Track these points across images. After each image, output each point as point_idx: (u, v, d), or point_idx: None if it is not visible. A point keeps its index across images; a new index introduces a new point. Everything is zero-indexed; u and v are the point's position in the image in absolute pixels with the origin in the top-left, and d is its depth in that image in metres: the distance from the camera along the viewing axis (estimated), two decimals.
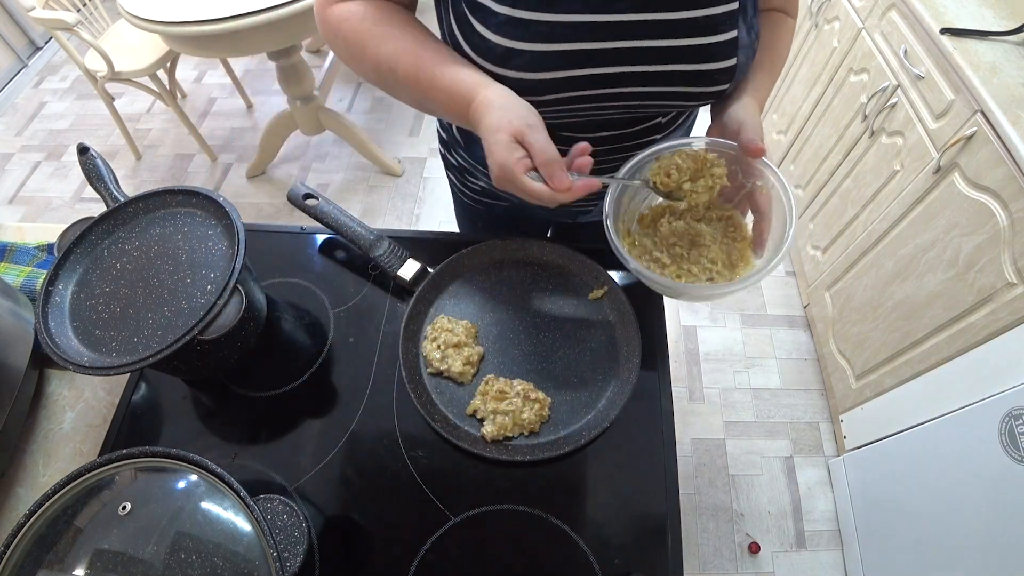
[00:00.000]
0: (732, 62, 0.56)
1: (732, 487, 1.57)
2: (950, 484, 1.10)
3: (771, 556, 1.46)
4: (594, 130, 0.66)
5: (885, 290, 1.37)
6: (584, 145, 0.54)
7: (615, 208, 0.60)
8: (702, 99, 0.60)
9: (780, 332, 1.86)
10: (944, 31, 1.17)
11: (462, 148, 0.80)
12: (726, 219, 0.64)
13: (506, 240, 0.79)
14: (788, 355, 1.81)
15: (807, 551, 1.47)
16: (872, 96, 1.41)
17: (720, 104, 0.63)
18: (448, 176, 0.91)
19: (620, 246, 0.58)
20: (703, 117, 0.70)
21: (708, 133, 0.62)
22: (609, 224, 0.58)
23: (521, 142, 0.52)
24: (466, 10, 0.55)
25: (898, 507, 1.26)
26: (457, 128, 0.77)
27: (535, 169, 0.52)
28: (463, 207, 0.94)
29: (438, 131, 0.86)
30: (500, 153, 0.51)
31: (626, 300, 0.73)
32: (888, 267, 1.36)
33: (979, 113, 1.08)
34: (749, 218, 0.63)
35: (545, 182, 0.51)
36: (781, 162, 1.99)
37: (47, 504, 0.48)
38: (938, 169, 1.19)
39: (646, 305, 0.76)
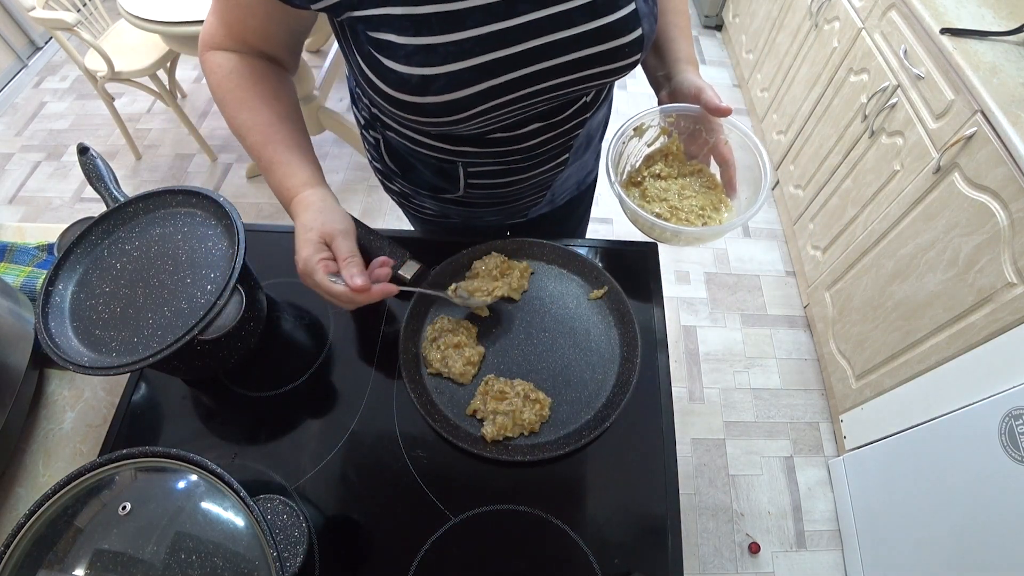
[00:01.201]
0: (638, 33, 0.58)
1: (732, 487, 1.57)
2: (950, 484, 1.10)
3: (771, 556, 1.46)
4: (525, 125, 0.67)
5: (885, 290, 1.37)
6: (384, 259, 0.61)
7: (614, 162, 0.68)
8: (618, 74, 0.62)
9: (780, 332, 1.86)
10: (944, 31, 1.17)
11: (400, 177, 0.81)
12: (697, 172, 0.72)
13: (506, 240, 0.79)
14: (788, 355, 1.81)
15: (807, 551, 1.47)
16: (872, 96, 1.41)
17: (663, 76, 0.71)
18: (393, 199, 0.91)
19: (625, 195, 0.66)
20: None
21: (660, 102, 0.71)
22: (611, 174, 0.66)
23: (329, 244, 0.58)
24: (371, 50, 0.55)
25: (898, 507, 1.26)
26: (390, 157, 0.78)
27: (336, 273, 0.57)
28: (417, 222, 0.95)
29: (371, 162, 0.86)
30: (306, 249, 0.57)
31: (626, 300, 0.73)
32: (888, 267, 1.36)
33: (979, 113, 1.08)
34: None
35: (346, 285, 0.56)
36: (781, 162, 1.99)
37: (47, 504, 0.48)
38: (938, 169, 1.19)
39: (646, 305, 0.76)
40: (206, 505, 0.49)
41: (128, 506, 0.48)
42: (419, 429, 0.68)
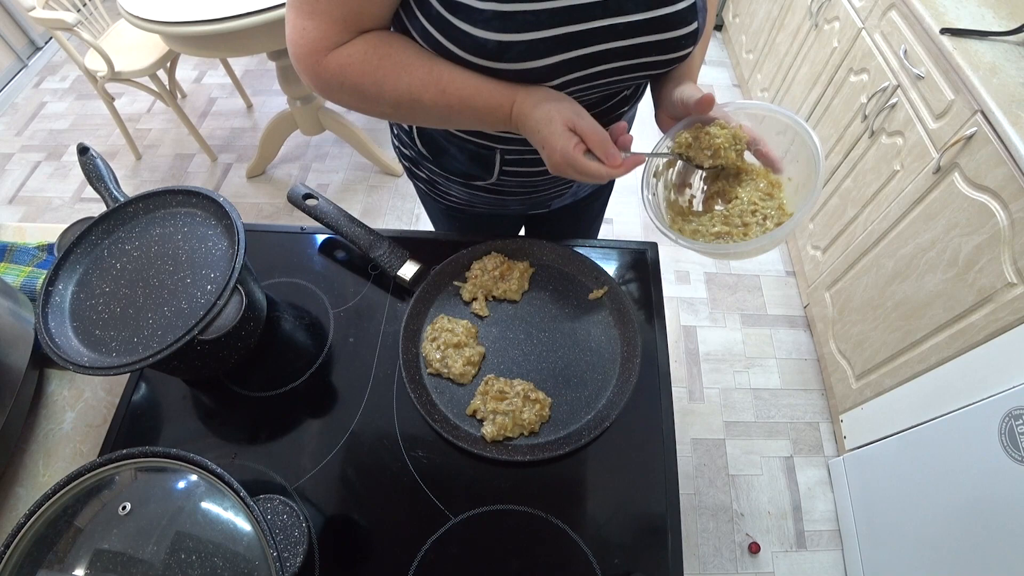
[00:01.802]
0: (694, 26, 0.59)
1: (732, 487, 1.57)
2: (950, 484, 1.10)
3: (771, 556, 1.46)
4: None
5: (885, 290, 1.37)
6: (622, 124, 0.60)
7: (656, 213, 0.63)
8: (668, 66, 0.62)
9: (780, 332, 1.86)
10: (944, 31, 1.17)
11: (430, 162, 0.79)
12: (738, 170, 0.65)
13: (506, 240, 0.79)
14: (788, 355, 1.81)
15: (807, 551, 1.47)
16: (872, 96, 1.41)
17: (661, 88, 0.67)
18: (417, 186, 0.91)
19: (669, 231, 0.62)
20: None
21: (663, 123, 0.67)
22: (651, 212, 0.63)
23: (573, 129, 0.57)
24: (442, 11, 0.55)
25: (898, 507, 1.26)
26: (423, 143, 0.77)
27: (588, 151, 0.57)
28: (437, 212, 0.95)
29: (398, 148, 0.85)
30: (558, 141, 0.56)
31: (626, 300, 0.73)
32: (888, 267, 1.36)
33: (979, 113, 1.08)
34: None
35: (600, 162, 0.57)
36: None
37: (47, 504, 0.48)
38: (938, 169, 1.19)
39: (646, 305, 0.76)
40: (206, 505, 0.49)
41: (128, 506, 0.48)
42: (419, 429, 0.68)
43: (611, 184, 1.00)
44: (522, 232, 1.09)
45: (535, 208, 0.88)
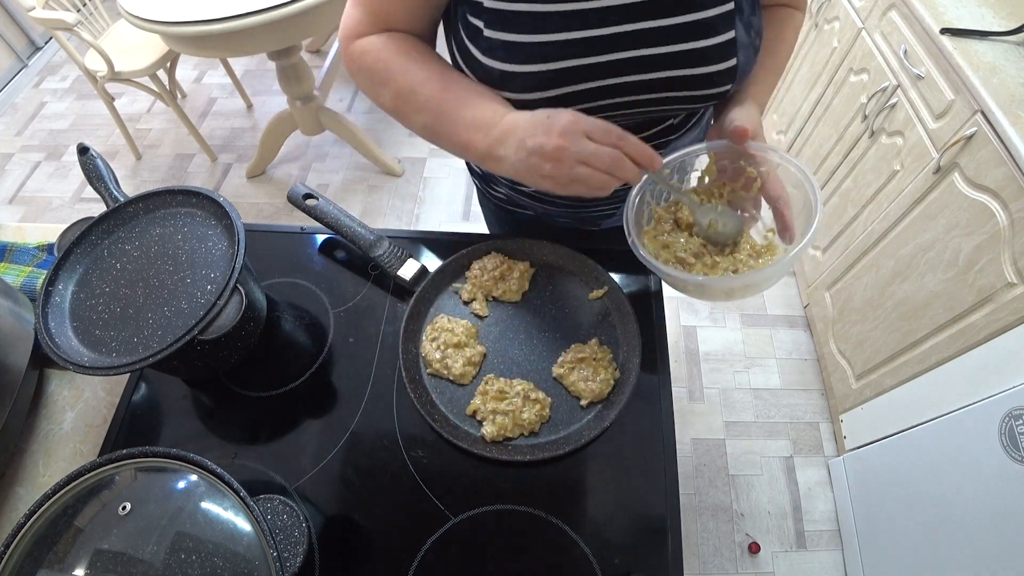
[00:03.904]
0: (732, 63, 0.55)
1: (732, 487, 1.57)
2: (950, 484, 1.10)
3: (771, 556, 1.46)
4: None
5: (885, 290, 1.37)
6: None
7: (636, 213, 0.59)
8: (705, 101, 0.59)
9: (780, 332, 1.85)
10: (944, 31, 1.17)
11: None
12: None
13: (506, 240, 0.79)
14: (788, 355, 1.81)
15: (807, 551, 1.47)
16: (872, 96, 1.41)
17: (722, 105, 0.62)
18: (475, 183, 0.91)
19: (641, 248, 0.57)
20: None
21: (708, 135, 0.62)
22: (630, 222, 0.57)
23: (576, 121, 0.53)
24: (464, 37, 0.56)
25: (898, 507, 1.26)
26: None
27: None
28: (490, 208, 0.95)
29: None
30: (562, 114, 0.50)
31: (626, 300, 0.73)
32: (888, 267, 1.36)
33: (979, 113, 1.08)
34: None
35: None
36: None
37: (47, 504, 0.48)
38: (938, 169, 1.19)
39: (646, 305, 0.76)
40: (206, 505, 0.49)
41: (128, 506, 0.48)
42: (419, 429, 0.68)
43: None
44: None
45: (584, 224, 0.87)
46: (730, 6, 0.53)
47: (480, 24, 0.54)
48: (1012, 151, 1.00)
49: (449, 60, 0.62)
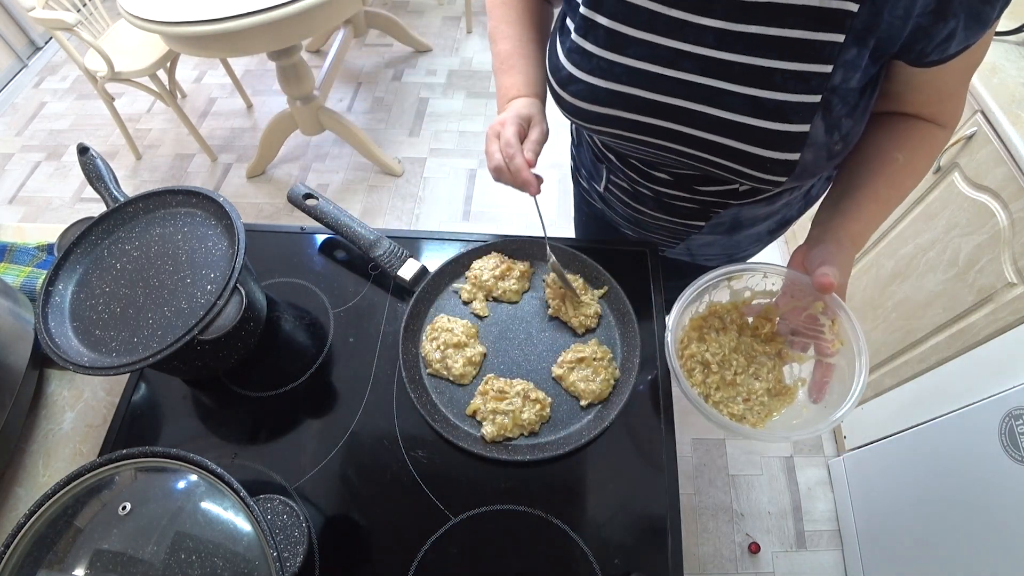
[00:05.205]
0: (793, 156, 0.51)
1: (732, 487, 1.57)
2: (950, 484, 1.10)
3: (771, 556, 1.46)
4: (657, 169, 0.68)
5: (885, 290, 1.37)
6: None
7: (676, 325, 0.59)
8: (756, 182, 0.55)
9: None
10: None
11: (575, 146, 0.88)
12: (777, 352, 0.62)
13: (506, 240, 0.79)
14: None
15: (807, 551, 1.47)
16: None
17: (821, 226, 0.58)
18: (572, 173, 0.96)
19: (679, 371, 0.57)
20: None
21: (792, 255, 0.59)
22: (669, 344, 0.57)
23: (530, 118, 0.63)
24: (558, 33, 0.61)
25: (898, 507, 1.26)
26: (572, 125, 0.82)
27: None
28: (577, 200, 1.00)
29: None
30: (505, 113, 0.63)
31: (626, 300, 0.73)
32: (888, 267, 1.36)
33: (979, 113, 1.08)
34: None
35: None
36: None
37: (47, 504, 0.48)
38: (938, 169, 1.19)
39: (646, 305, 0.76)
40: (206, 505, 0.49)
41: (128, 506, 0.48)
42: (419, 429, 0.68)
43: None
44: None
45: (647, 245, 0.86)
46: (816, 99, 0.48)
47: (571, 27, 0.57)
48: (1012, 151, 1.00)
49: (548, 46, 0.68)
